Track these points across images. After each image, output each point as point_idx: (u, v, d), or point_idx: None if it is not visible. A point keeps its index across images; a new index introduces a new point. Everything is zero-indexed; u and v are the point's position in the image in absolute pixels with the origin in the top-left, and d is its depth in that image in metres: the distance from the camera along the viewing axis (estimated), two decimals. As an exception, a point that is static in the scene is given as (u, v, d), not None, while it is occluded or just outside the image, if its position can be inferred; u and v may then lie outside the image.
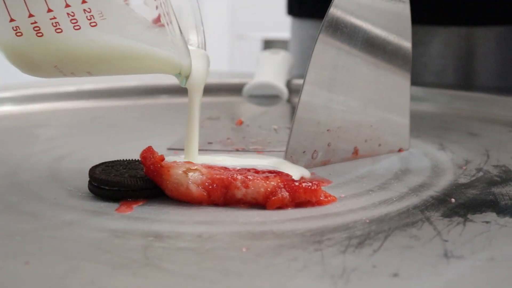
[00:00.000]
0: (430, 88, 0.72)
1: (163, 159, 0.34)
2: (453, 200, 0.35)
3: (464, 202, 0.34)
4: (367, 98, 0.44)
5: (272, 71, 0.80)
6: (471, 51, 0.83)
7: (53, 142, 0.50)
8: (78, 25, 0.32)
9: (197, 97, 0.39)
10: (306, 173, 0.39)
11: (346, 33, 0.42)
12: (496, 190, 0.37)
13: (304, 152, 0.42)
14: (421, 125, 0.58)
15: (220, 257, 0.27)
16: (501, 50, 0.83)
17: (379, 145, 0.46)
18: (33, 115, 0.64)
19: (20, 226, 0.31)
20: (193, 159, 0.38)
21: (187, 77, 0.37)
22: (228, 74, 0.41)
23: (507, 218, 0.32)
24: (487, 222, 0.31)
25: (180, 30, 0.34)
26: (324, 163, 0.43)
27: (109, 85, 0.74)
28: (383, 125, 0.46)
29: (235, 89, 0.77)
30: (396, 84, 0.46)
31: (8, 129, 0.57)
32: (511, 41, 0.83)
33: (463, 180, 0.39)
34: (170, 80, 0.78)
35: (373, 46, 0.43)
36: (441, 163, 0.43)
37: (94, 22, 0.32)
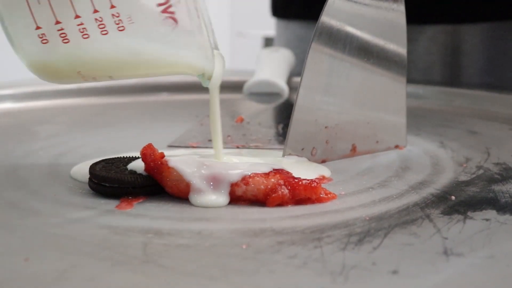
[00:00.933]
0: (430, 86, 0.72)
1: (163, 156, 0.34)
2: (453, 197, 0.35)
3: (464, 200, 0.34)
4: (362, 99, 0.45)
5: (272, 68, 0.80)
6: (458, 48, 0.84)
7: (53, 139, 0.50)
8: (105, 30, 0.32)
9: (217, 95, 0.39)
10: (326, 172, 0.40)
11: (338, 40, 0.42)
12: (496, 187, 0.37)
13: (302, 149, 0.42)
14: (421, 123, 0.57)
15: (220, 254, 0.27)
16: (486, 46, 0.84)
17: (377, 142, 0.46)
18: (33, 112, 0.64)
19: (20, 223, 0.31)
20: (219, 157, 0.39)
21: (209, 78, 0.37)
22: (228, 71, 0.41)
23: (507, 216, 0.31)
24: (487, 220, 0.31)
25: (207, 32, 0.34)
26: (323, 161, 0.43)
27: (110, 82, 0.74)
28: (379, 123, 0.46)
29: (236, 87, 0.77)
30: (392, 88, 0.46)
31: (8, 126, 0.57)
32: (496, 37, 0.83)
33: (463, 177, 0.39)
34: (170, 77, 0.78)
35: (367, 53, 0.44)
36: (441, 161, 0.43)
37: (122, 26, 0.32)
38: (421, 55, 0.83)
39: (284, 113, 0.68)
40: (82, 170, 0.38)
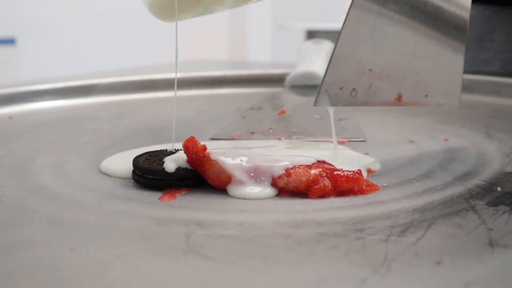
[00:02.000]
0: (476, 76, 0.71)
1: (205, 149, 0.35)
2: (499, 189, 0.34)
3: (510, 191, 0.34)
4: (414, 52, 0.42)
5: (314, 60, 0.79)
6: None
7: (98, 133, 0.51)
8: None
9: None
10: (375, 166, 0.39)
11: None
12: (544, 178, 0.36)
13: (341, 88, 0.40)
14: (467, 114, 0.57)
15: (262, 245, 0.27)
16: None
17: (426, 95, 0.43)
18: (78, 108, 0.65)
19: (66, 215, 0.31)
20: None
21: None
22: (270, 64, 0.41)
23: (555, 207, 0.31)
24: (534, 211, 0.30)
25: None
26: (363, 104, 0.41)
27: (152, 77, 0.75)
28: (431, 74, 0.43)
29: (278, 80, 0.77)
30: (448, 54, 0.43)
31: (55, 121, 0.58)
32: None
33: (509, 169, 0.38)
34: (211, 72, 0.79)
35: (421, 12, 0.41)
36: (487, 152, 0.42)
37: None
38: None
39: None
40: (111, 165, 0.39)
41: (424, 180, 0.36)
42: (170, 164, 0.34)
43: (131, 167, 0.36)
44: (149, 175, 0.35)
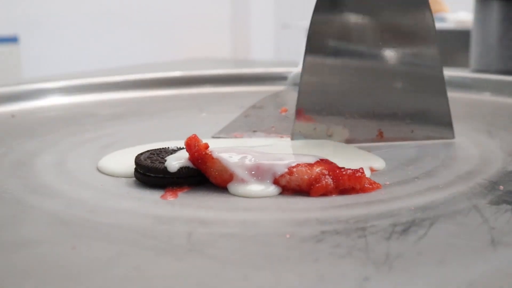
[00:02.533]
0: (478, 74, 0.71)
1: (207, 147, 0.35)
2: (501, 187, 0.34)
3: (513, 190, 0.33)
4: (388, 82, 0.41)
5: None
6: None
7: (100, 131, 0.51)
8: None
9: None
10: (378, 164, 0.39)
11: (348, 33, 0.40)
12: (546, 177, 0.36)
13: (314, 129, 0.40)
14: (469, 112, 0.56)
15: (264, 243, 0.27)
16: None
17: (412, 131, 0.43)
18: (80, 106, 0.65)
19: (67, 212, 0.31)
20: None
21: None
22: (273, 62, 0.41)
23: (558, 206, 0.31)
24: (536, 210, 0.30)
25: None
26: (346, 141, 0.42)
27: (155, 75, 0.75)
28: (412, 110, 0.42)
29: (280, 78, 0.76)
30: (425, 60, 0.43)
31: (57, 119, 0.58)
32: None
33: (512, 167, 0.38)
34: (214, 70, 0.79)
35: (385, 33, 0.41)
36: (490, 151, 0.42)
37: None
38: None
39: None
40: (108, 163, 0.39)
41: (426, 179, 0.36)
42: (173, 163, 0.34)
43: (127, 166, 0.36)
44: (151, 173, 0.35)
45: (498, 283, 0.23)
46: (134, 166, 0.36)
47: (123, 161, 0.39)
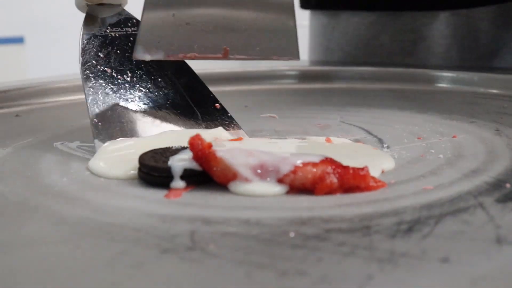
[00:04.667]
0: (485, 73, 0.70)
1: (210, 146, 0.34)
2: (508, 185, 0.34)
3: (519, 188, 0.33)
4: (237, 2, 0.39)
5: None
6: (471, 32, 0.85)
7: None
8: None
9: None
10: (387, 165, 0.39)
11: None
12: (553, 175, 0.35)
13: (159, 42, 0.38)
14: (476, 110, 0.56)
15: (268, 242, 0.27)
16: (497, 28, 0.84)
17: (258, 49, 0.41)
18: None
19: (71, 213, 0.31)
20: None
21: None
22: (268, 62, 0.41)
23: None
24: (543, 208, 0.30)
25: None
26: (187, 58, 0.40)
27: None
28: (260, 28, 0.40)
29: (284, 76, 0.76)
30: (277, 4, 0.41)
31: (60, 118, 0.58)
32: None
33: (518, 165, 0.38)
34: (218, 68, 0.78)
35: None
36: (497, 148, 0.42)
37: None
38: (437, 39, 0.85)
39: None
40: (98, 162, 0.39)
41: (431, 177, 0.36)
42: (177, 163, 0.34)
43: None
44: (154, 172, 0.35)
45: (502, 281, 0.23)
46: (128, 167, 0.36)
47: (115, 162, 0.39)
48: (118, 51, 0.44)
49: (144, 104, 0.44)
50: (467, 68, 0.75)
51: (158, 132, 0.42)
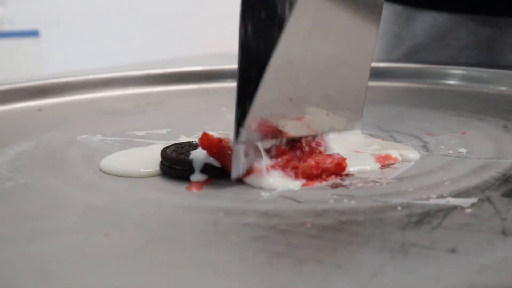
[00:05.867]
0: (495, 69, 0.71)
1: (220, 141, 0.36)
2: (514, 180, 0.35)
3: (525, 183, 0.35)
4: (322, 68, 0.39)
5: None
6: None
7: (124, 125, 0.53)
8: None
9: None
10: (413, 155, 0.41)
11: None
12: (558, 171, 0.37)
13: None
14: (485, 107, 0.57)
15: (285, 232, 0.28)
16: None
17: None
18: (104, 99, 0.67)
19: (99, 203, 0.33)
20: None
21: None
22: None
23: None
24: (547, 202, 0.31)
25: None
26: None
27: (176, 69, 0.76)
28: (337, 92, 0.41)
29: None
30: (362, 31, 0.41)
31: (82, 112, 0.60)
32: None
33: (525, 161, 0.39)
34: (222, 66, 0.80)
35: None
36: (505, 145, 0.43)
37: None
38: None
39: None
40: (111, 163, 0.40)
41: (441, 172, 0.37)
42: (198, 157, 0.36)
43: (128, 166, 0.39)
44: (176, 165, 0.37)
45: (507, 270, 0.24)
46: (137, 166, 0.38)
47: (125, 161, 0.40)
48: None
49: None
50: (477, 65, 0.76)
51: None
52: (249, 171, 0.35)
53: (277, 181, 0.35)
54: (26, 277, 0.24)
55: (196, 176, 0.36)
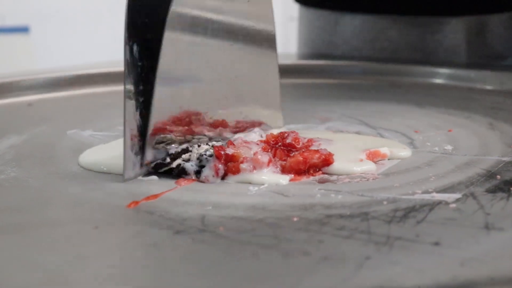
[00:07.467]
0: (482, 70, 0.72)
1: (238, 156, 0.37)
2: (498, 177, 0.36)
3: (509, 179, 0.35)
4: (233, 85, 0.42)
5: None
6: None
7: (115, 120, 0.53)
8: None
9: None
10: (405, 153, 0.41)
11: (197, 25, 0.39)
12: (542, 168, 0.37)
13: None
14: (471, 106, 0.58)
15: (272, 226, 0.29)
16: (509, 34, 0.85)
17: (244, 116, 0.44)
18: (93, 95, 0.67)
19: (88, 197, 0.33)
20: None
21: None
22: (280, 55, 0.42)
23: (550, 194, 0.32)
24: (530, 198, 0.32)
25: None
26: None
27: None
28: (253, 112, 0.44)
29: (289, 70, 0.78)
30: (264, 65, 0.45)
31: (71, 107, 0.60)
32: None
33: (509, 158, 0.40)
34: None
35: (230, 33, 0.41)
36: (490, 142, 0.44)
37: None
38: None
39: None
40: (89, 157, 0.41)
41: (427, 168, 0.38)
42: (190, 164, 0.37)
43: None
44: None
45: (489, 263, 0.25)
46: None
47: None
48: None
49: None
50: (464, 65, 0.77)
51: None
52: (237, 168, 0.36)
53: (265, 176, 0.35)
54: (15, 268, 0.25)
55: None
